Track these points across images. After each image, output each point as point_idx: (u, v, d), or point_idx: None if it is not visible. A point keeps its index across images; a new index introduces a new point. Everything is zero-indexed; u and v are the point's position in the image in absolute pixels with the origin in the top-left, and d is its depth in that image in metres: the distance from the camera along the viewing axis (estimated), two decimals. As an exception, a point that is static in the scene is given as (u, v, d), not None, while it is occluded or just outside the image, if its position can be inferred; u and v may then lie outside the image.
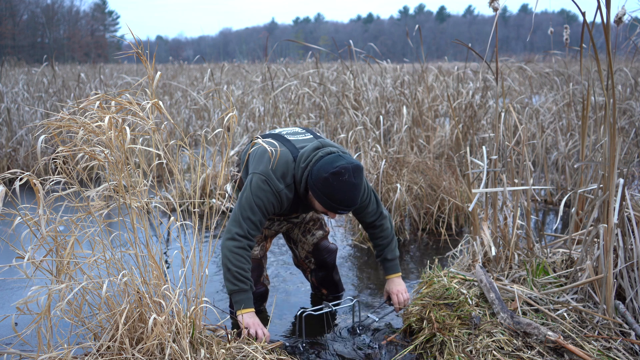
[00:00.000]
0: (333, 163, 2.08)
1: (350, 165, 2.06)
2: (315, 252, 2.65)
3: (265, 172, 2.15)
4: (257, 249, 2.50)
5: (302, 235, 2.65)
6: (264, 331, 2.11)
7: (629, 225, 2.10)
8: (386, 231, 2.45)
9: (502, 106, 3.01)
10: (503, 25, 58.40)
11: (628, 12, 2.30)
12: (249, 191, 2.15)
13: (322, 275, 2.73)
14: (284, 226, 2.59)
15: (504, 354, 1.87)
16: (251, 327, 2.09)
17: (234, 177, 2.51)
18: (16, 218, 1.69)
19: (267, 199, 2.15)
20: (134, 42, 1.81)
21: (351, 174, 2.06)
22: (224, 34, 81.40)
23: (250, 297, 2.15)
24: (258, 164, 2.19)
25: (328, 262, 2.69)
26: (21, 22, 45.66)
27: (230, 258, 2.11)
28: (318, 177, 2.08)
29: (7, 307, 2.65)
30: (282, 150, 2.20)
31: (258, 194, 2.14)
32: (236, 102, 7.17)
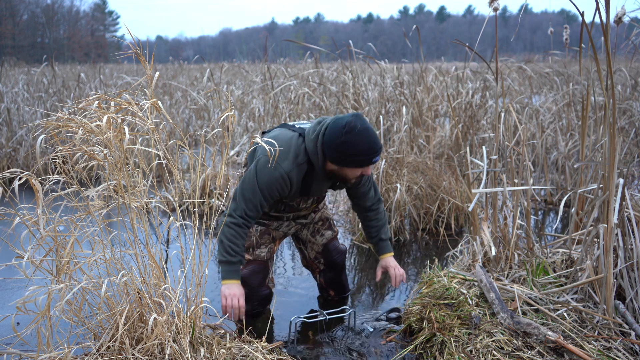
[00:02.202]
0: (338, 125, 2.08)
1: (352, 117, 2.08)
2: (324, 252, 2.65)
3: (280, 157, 2.14)
4: (264, 251, 2.48)
5: (312, 236, 2.64)
6: (240, 301, 2.15)
7: (629, 225, 2.10)
8: (381, 213, 2.53)
9: (502, 106, 3.01)
10: (503, 25, 58.41)
11: (627, 12, 2.30)
12: (253, 172, 2.15)
13: (331, 276, 2.72)
14: (293, 227, 2.57)
15: (504, 354, 1.86)
16: (227, 298, 2.15)
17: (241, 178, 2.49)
18: (15, 218, 1.69)
19: (271, 180, 2.14)
20: (134, 42, 1.81)
21: (359, 122, 2.07)
22: (224, 34, 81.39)
23: (237, 270, 2.19)
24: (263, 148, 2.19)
25: (338, 262, 2.68)
26: (21, 22, 45.66)
27: (225, 232, 2.17)
28: (336, 145, 2.07)
29: (7, 307, 2.65)
30: (287, 132, 2.22)
31: (262, 175, 2.14)
32: (236, 102, 7.17)
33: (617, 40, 2.82)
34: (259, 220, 2.47)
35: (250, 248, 2.46)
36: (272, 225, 2.50)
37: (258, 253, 2.46)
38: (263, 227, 2.48)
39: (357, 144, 2.05)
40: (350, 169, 2.14)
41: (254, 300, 2.48)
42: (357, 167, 2.13)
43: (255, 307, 2.50)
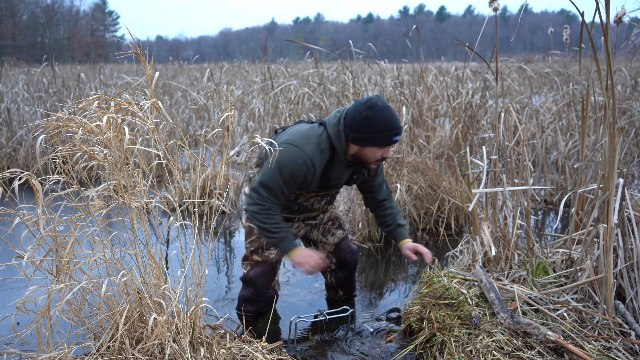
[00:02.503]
0: (359, 103, 2.11)
1: (374, 97, 2.11)
2: (337, 251, 2.65)
3: (294, 140, 2.14)
4: (274, 253, 2.46)
5: (323, 236, 2.63)
6: (315, 257, 2.18)
7: (629, 225, 2.10)
8: (394, 202, 2.54)
9: (502, 106, 3.01)
10: (503, 25, 58.41)
11: (627, 12, 2.30)
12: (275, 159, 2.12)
13: (342, 276, 2.72)
14: (302, 229, 2.57)
15: (504, 354, 1.86)
16: (304, 261, 2.17)
17: (252, 180, 2.45)
18: (15, 218, 1.69)
19: (294, 165, 2.14)
20: (134, 42, 1.81)
21: (379, 101, 2.10)
22: (224, 34, 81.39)
23: (291, 241, 2.22)
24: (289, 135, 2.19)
25: (350, 262, 2.68)
26: (21, 22, 45.66)
27: (260, 218, 2.18)
28: (358, 121, 2.09)
29: (7, 307, 2.65)
30: (305, 124, 2.25)
31: (285, 161, 2.13)
32: (236, 102, 7.17)
33: (617, 40, 2.82)
34: None
35: (260, 249, 2.45)
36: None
37: (267, 255, 2.45)
38: None
39: (379, 120, 2.07)
40: (371, 148, 2.14)
41: (260, 301, 2.48)
42: (378, 147, 2.13)
43: (261, 307, 2.50)
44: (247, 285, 2.49)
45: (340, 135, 2.16)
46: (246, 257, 2.49)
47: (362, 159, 2.20)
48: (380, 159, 2.20)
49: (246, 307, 2.49)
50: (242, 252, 3.58)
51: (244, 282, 2.50)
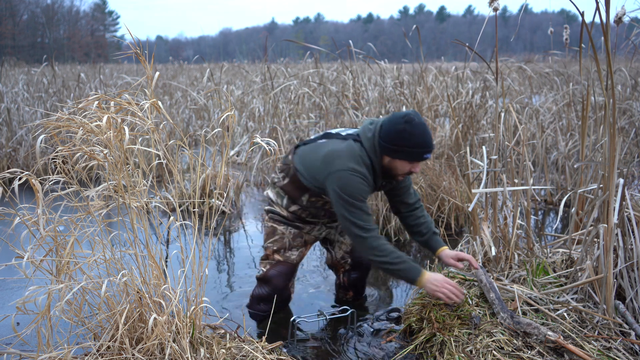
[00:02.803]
0: (397, 117, 2.12)
1: (411, 112, 2.13)
2: (352, 252, 2.67)
3: (344, 165, 2.14)
4: (295, 254, 2.48)
5: (340, 235, 2.65)
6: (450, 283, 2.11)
7: (629, 225, 2.10)
8: (424, 210, 2.49)
9: (502, 106, 3.01)
10: (503, 25, 58.42)
11: (627, 12, 2.30)
12: (340, 194, 2.13)
13: (355, 276, 2.73)
14: (324, 231, 2.58)
15: (504, 354, 1.86)
16: (440, 288, 2.11)
17: (278, 184, 2.44)
18: (15, 218, 1.69)
19: (358, 186, 2.14)
20: (134, 42, 1.81)
21: (417, 117, 2.12)
22: (224, 34, 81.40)
23: (415, 265, 2.17)
24: (328, 164, 2.17)
25: (365, 263, 2.71)
26: (21, 22, 45.66)
27: (377, 253, 2.15)
28: (394, 134, 2.11)
29: (7, 307, 2.65)
30: (339, 142, 2.23)
31: (350, 189, 2.13)
32: (236, 102, 7.17)
33: (617, 40, 2.82)
34: (293, 223, 2.47)
35: (282, 249, 2.46)
36: (305, 229, 2.49)
37: (288, 255, 2.47)
38: (296, 230, 2.47)
39: (414, 135, 2.10)
40: (402, 161, 2.17)
41: (278, 299, 2.49)
42: (409, 161, 2.16)
43: (276, 307, 2.50)
44: (265, 284, 2.49)
45: (375, 148, 2.18)
46: (266, 256, 2.50)
47: (392, 170, 2.22)
48: (408, 173, 2.23)
49: (260, 305, 2.50)
50: (242, 252, 3.60)
51: (261, 280, 2.50)
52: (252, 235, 3.99)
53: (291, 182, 2.37)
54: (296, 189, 2.36)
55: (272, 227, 2.47)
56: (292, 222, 2.46)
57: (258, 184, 5.44)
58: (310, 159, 2.27)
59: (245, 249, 3.70)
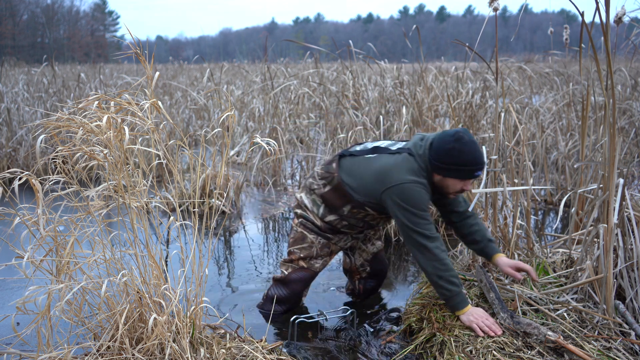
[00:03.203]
0: (447, 135, 2.09)
1: (462, 130, 2.10)
2: (373, 261, 2.68)
3: (403, 178, 2.11)
4: (319, 263, 2.48)
5: (362, 243, 2.65)
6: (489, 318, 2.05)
7: (629, 225, 2.10)
8: (477, 217, 2.38)
9: (502, 106, 3.01)
10: (503, 25, 58.44)
11: (627, 12, 2.30)
12: (402, 206, 2.09)
13: (371, 285, 2.75)
14: (349, 242, 2.57)
15: (504, 354, 1.87)
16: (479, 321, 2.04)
17: (318, 191, 2.39)
18: (15, 218, 1.69)
19: (422, 196, 2.11)
20: (134, 42, 1.81)
21: (467, 134, 2.09)
22: (224, 34, 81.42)
23: (465, 297, 2.12)
24: (384, 179, 2.14)
25: (382, 273, 2.74)
26: (21, 22, 45.67)
27: (439, 265, 2.09)
28: (443, 152, 2.08)
29: (7, 307, 2.65)
30: (389, 157, 2.18)
31: (413, 200, 2.09)
32: (236, 102, 7.17)
33: (617, 40, 2.82)
34: (324, 233, 2.44)
35: (308, 257, 2.45)
36: (334, 240, 2.48)
37: (313, 263, 2.46)
38: (325, 241, 2.46)
39: (464, 153, 2.06)
40: (453, 180, 2.12)
41: (291, 302, 2.52)
42: (460, 179, 2.12)
43: (289, 309, 2.54)
44: (283, 286, 2.49)
45: (427, 166, 2.15)
46: (290, 260, 2.48)
47: (443, 188, 2.19)
48: (460, 191, 2.18)
49: (275, 306, 2.51)
50: (242, 252, 3.60)
51: (280, 282, 2.50)
52: (252, 235, 3.99)
53: (334, 191, 2.33)
54: (339, 198, 2.33)
55: (302, 234, 2.45)
56: (323, 232, 2.44)
57: (258, 184, 5.44)
58: (361, 173, 2.24)
59: (245, 249, 3.70)
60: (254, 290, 2.93)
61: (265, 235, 4.02)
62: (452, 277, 2.09)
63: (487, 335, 1.99)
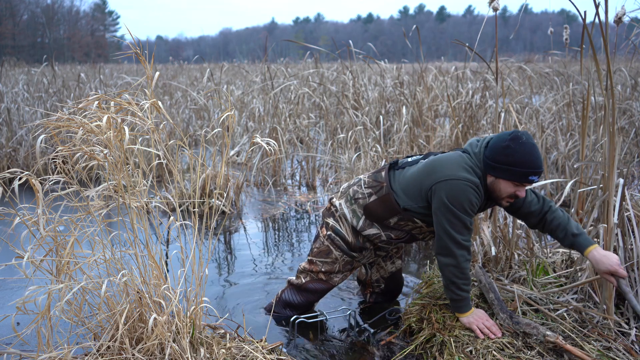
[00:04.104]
0: (504, 134, 1.99)
1: (521, 131, 1.99)
2: (389, 280, 2.64)
3: (455, 174, 1.99)
4: (339, 278, 2.43)
5: (382, 260, 2.61)
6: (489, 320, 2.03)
7: (629, 225, 2.10)
8: (558, 209, 2.16)
9: (502, 106, 3.01)
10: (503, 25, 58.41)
11: (627, 12, 2.30)
12: (447, 203, 1.99)
13: (381, 301, 2.73)
14: (372, 258, 2.49)
15: (504, 355, 1.87)
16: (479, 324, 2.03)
17: (362, 200, 2.27)
18: (15, 218, 1.69)
19: (471, 198, 1.99)
20: (134, 42, 1.81)
21: (526, 135, 1.97)
22: (224, 34, 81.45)
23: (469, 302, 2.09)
24: (434, 172, 2.04)
25: (396, 293, 2.72)
26: (21, 22, 45.68)
27: (457, 273, 2.03)
28: (498, 152, 1.97)
29: (7, 307, 2.65)
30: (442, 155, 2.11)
31: (461, 199, 1.98)
32: (236, 102, 7.17)
33: (617, 40, 2.82)
34: (350, 252, 2.36)
35: (330, 272, 2.41)
36: (358, 257, 2.41)
37: (333, 277, 2.42)
38: (349, 259, 2.40)
39: (518, 153, 1.94)
40: (505, 182, 2.00)
41: (302, 310, 2.49)
42: (513, 181, 1.99)
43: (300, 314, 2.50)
44: (298, 293, 2.46)
45: (481, 165, 2.05)
46: (310, 270, 2.42)
47: (495, 192, 2.06)
48: (513, 196, 2.05)
49: (286, 310, 2.49)
50: (242, 252, 3.60)
51: (296, 287, 2.46)
52: (252, 235, 3.99)
53: (381, 201, 2.21)
54: (386, 209, 2.21)
55: (328, 248, 2.38)
56: (351, 250, 2.36)
57: (258, 184, 5.44)
58: (413, 174, 2.14)
59: (245, 249, 3.70)
60: (254, 290, 2.93)
61: (265, 235, 4.02)
62: (465, 285, 2.06)
63: (486, 337, 1.99)
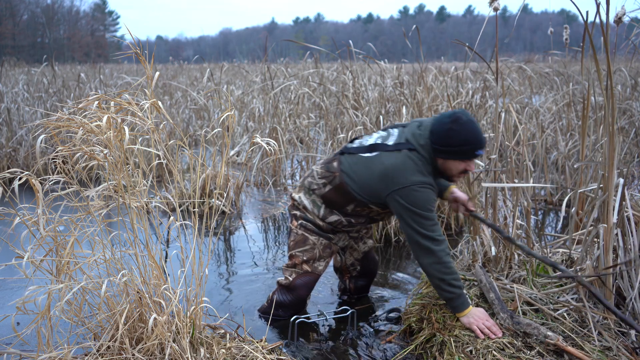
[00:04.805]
0: (444, 117, 2.10)
1: (459, 110, 2.09)
2: (363, 260, 2.67)
3: (410, 180, 2.09)
4: (322, 265, 2.46)
5: (355, 242, 2.64)
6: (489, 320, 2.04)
7: (629, 225, 2.10)
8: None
9: (502, 106, 3.01)
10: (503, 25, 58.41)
11: (627, 12, 2.30)
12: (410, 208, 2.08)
13: (362, 283, 2.76)
14: (347, 241, 2.57)
15: (504, 355, 1.87)
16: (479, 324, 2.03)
17: (318, 191, 2.36)
18: (15, 218, 1.69)
19: (430, 197, 2.11)
20: (134, 42, 1.81)
21: (465, 115, 2.08)
22: (224, 34, 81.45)
23: (466, 299, 2.11)
24: (390, 182, 2.12)
25: (373, 272, 2.74)
26: (21, 22, 45.68)
27: (442, 269, 2.08)
28: (442, 135, 2.08)
29: (7, 307, 2.65)
30: (391, 156, 2.15)
31: (421, 202, 2.09)
32: (236, 102, 7.17)
33: (617, 40, 2.82)
34: (325, 233, 2.42)
35: (312, 260, 2.42)
36: (334, 239, 2.47)
37: (316, 266, 2.44)
38: (327, 241, 2.44)
39: (463, 132, 2.06)
40: (454, 161, 2.13)
41: (296, 308, 2.49)
42: (461, 160, 2.12)
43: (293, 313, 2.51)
44: (288, 292, 2.46)
45: (429, 154, 2.14)
46: (293, 264, 2.44)
47: (447, 172, 2.18)
48: (463, 172, 2.17)
49: (279, 311, 2.48)
50: (242, 252, 3.60)
51: (285, 288, 2.47)
52: (252, 235, 3.99)
53: (335, 190, 2.29)
54: (341, 197, 2.29)
55: (303, 236, 2.42)
56: (325, 232, 2.42)
57: (258, 184, 5.44)
58: (364, 173, 2.21)
59: (245, 248, 3.70)
60: (254, 290, 2.93)
61: (265, 235, 4.02)
62: (454, 280, 2.08)
63: (487, 337, 1.98)
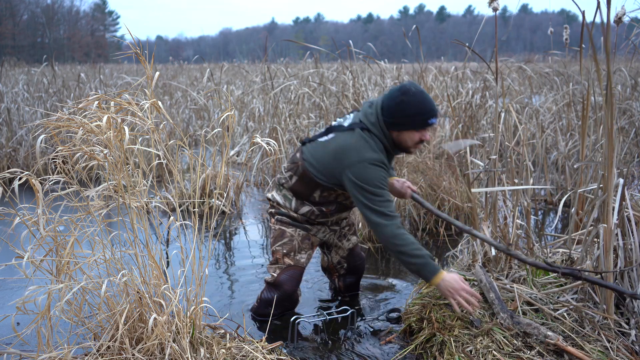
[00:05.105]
0: (394, 91, 2.16)
1: (407, 82, 2.16)
2: (349, 257, 2.68)
3: (360, 156, 2.14)
4: (304, 257, 2.46)
5: (338, 240, 2.65)
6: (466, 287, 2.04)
7: (629, 225, 2.10)
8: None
9: (502, 106, 3.01)
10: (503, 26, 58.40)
11: (627, 12, 2.30)
12: (360, 184, 2.13)
13: (350, 281, 2.76)
14: (327, 234, 2.58)
15: (504, 354, 1.87)
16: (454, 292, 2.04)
17: (286, 185, 2.42)
18: (15, 218, 1.69)
19: (380, 174, 2.15)
20: (134, 42, 1.81)
21: (414, 86, 2.14)
22: (224, 34, 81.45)
23: (434, 263, 2.12)
24: (342, 158, 2.17)
25: (360, 268, 2.74)
26: (21, 22, 45.68)
27: (397, 241, 2.11)
28: (393, 108, 2.14)
29: (7, 307, 2.65)
30: (346, 134, 2.21)
31: (371, 178, 2.13)
32: (236, 102, 7.17)
33: (617, 40, 2.82)
34: (302, 225, 2.45)
35: (292, 252, 2.44)
36: (312, 231, 2.48)
37: (298, 258, 2.45)
38: (304, 232, 2.46)
39: (414, 103, 2.12)
40: (409, 132, 2.18)
41: (285, 304, 2.49)
42: (415, 130, 2.17)
43: (286, 310, 2.53)
44: (275, 289, 2.46)
45: (383, 130, 2.20)
46: (276, 260, 2.46)
47: (402, 144, 2.24)
48: (419, 142, 2.23)
49: (269, 309, 2.46)
50: (242, 252, 3.60)
51: (272, 285, 2.47)
52: (252, 235, 3.99)
53: (300, 180, 2.35)
54: (306, 185, 2.35)
55: (281, 230, 2.44)
56: (301, 223, 2.44)
57: (258, 184, 5.44)
58: (321, 155, 2.26)
59: (245, 248, 3.70)
60: (254, 290, 2.93)
61: (266, 235, 4.02)
62: (414, 250, 2.10)
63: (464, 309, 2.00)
